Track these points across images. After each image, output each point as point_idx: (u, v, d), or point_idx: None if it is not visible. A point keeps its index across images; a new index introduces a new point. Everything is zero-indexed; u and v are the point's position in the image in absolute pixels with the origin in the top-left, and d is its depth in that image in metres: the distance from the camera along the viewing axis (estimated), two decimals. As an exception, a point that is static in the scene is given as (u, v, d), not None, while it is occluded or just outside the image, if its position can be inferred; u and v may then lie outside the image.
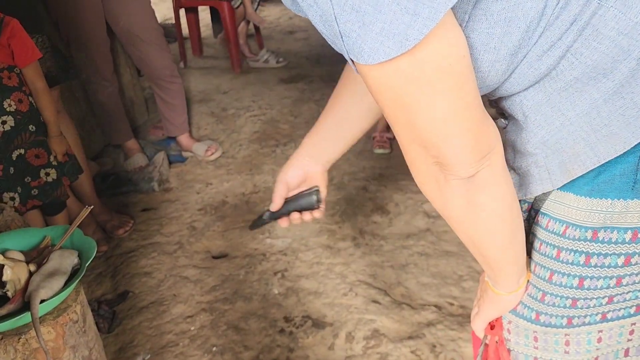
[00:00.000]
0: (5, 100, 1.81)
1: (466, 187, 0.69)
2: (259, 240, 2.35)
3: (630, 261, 0.74)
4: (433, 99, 0.61)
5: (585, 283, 0.78)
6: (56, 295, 1.18)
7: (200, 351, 1.80)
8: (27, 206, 1.93)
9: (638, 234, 0.73)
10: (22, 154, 1.88)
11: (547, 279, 0.81)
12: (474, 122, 0.64)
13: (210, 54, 4.69)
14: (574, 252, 0.76)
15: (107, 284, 2.16)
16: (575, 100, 0.69)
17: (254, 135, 3.27)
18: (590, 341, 0.83)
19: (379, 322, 1.87)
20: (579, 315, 0.81)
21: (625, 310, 0.80)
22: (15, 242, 1.37)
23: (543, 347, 0.86)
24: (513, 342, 0.89)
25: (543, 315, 0.83)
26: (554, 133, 0.72)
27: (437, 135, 0.64)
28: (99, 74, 2.73)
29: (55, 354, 1.21)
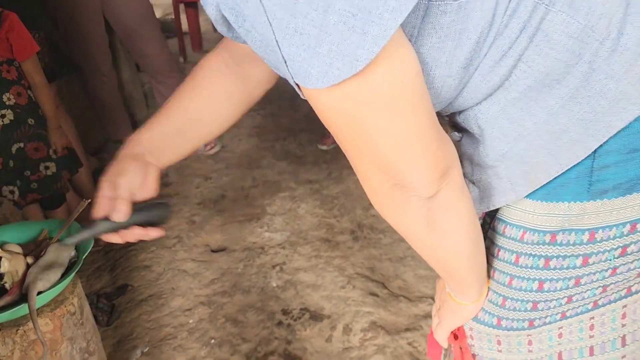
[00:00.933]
0: (5, 94, 1.82)
1: (427, 207, 0.67)
2: (258, 233, 2.36)
3: (588, 261, 0.74)
4: (389, 121, 0.58)
5: (545, 286, 0.77)
6: (53, 287, 1.19)
7: (198, 344, 1.81)
8: (26, 199, 1.94)
9: (595, 234, 0.72)
10: (22, 148, 1.89)
11: (507, 284, 0.80)
12: (432, 141, 0.62)
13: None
14: (532, 257, 0.76)
15: (106, 277, 2.17)
16: (531, 110, 0.68)
17: (254, 129, 3.28)
18: (551, 337, 0.84)
19: (376, 315, 1.88)
20: (540, 317, 0.81)
21: (584, 306, 0.81)
22: (13, 235, 1.37)
23: (507, 350, 0.86)
24: (477, 347, 0.89)
25: (504, 320, 0.83)
26: (513, 145, 0.70)
27: (395, 157, 0.62)
28: (97, 69, 2.74)
29: (53, 346, 1.22)
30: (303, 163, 2.89)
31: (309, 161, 2.90)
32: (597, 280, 0.76)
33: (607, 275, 0.76)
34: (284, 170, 2.83)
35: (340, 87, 0.54)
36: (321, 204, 2.53)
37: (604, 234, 0.72)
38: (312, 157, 2.93)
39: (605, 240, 0.72)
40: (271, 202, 2.57)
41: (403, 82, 0.56)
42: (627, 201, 0.69)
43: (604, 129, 0.65)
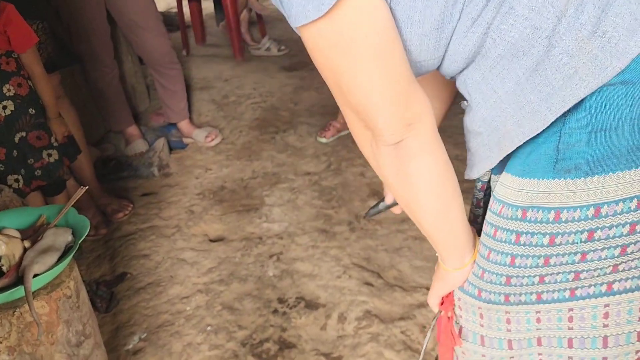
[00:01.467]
0: (5, 85, 1.85)
1: (394, 154, 0.75)
2: (256, 224, 2.38)
3: (554, 241, 0.76)
4: (354, 66, 0.67)
5: (517, 261, 0.80)
6: (49, 270, 1.22)
7: (195, 330, 1.84)
8: (31, 187, 1.97)
9: (560, 214, 0.74)
10: (24, 137, 1.92)
11: (485, 257, 0.84)
12: (397, 92, 0.70)
13: (212, 42, 4.71)
14: (507, 231, 0.79)
15: (105, 265, 2.20)
16: (503, 78, 0.72)
17: (254, 122, 3.29)
18: (529, 320, 0.86)
19: (371, 304, 1.90)
20: (514, 293, 0.84)
21: (560, 293, 0.82)
22: (12, 221, 1.41)
23: (488, 325, 0.89)
24: (464, 319, 0.93)
25: (484, 292, 0.86)
26: (490, 110, 0.75)
27: (361, 101, 0.71)
28: (99, 60, 2.76)
29: (49, 328, 1.25)
30: (302, 155, 2.91)
31: (309, 153, 2.92)
32: (567, 264, 0.78)
33: (577, 260, 0.78)
34: (283, 162, 2.85)
35: (313, 27, 0.65)
36: (319, 196, 2.55)
37: (569, 215, 0.74)
38: (312, 150, 2.95)
39: (571, 222, 0.74)
40: (270, 193, 2.60)
41: (367, 34, 0.66)
42: (589, 183, 0.71)
43: (559, 103, 0.68)
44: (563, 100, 0.68)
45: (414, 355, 1.69)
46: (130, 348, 1.80)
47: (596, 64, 0.66)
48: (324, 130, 3.02)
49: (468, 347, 0.95)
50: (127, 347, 1.80)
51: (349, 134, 3.04)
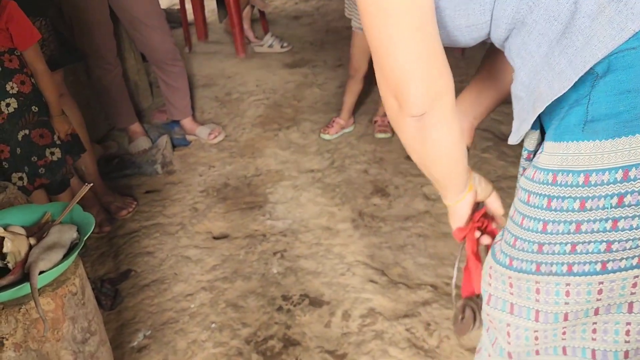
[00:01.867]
0: (8, 83, 1.85)
1: (417, 125, 0.85)
2: (260, 221, 2.38)
3: (585, 206, 0.78)
4: (395, 35, 0.77)
5: (548, 227, 0.82)
6: (55, 267, 1.22)
7: (199, 328, 1.84)
8: (34, 185, 1.97)
9: (589, 177, 0.76)
10: (27, 135, 1.92)
11: (519, 224, 0.86)
12: (429, 64, 0.80)
13: (215, 39, 4.70)
14: (539, 196, 0.82)
15: (110, 263, 2.20)
16: (539, 42, 0.78)
17: (257, 119, 3.29)
18: (558, 292, 0.86)
19: (375, 301, 1.90)
20: (545, 262, 0.85)
21: (591, 265, 0.83)
22: (17, 218, 1.41)
23: (517, 294, 0.91)
24: (493, 287, 0.95)
25: (515, 260, 0.88)
26: (528, 74, 0.81)
27: (396, 69, 0.80)
28: (102, 57, 2.76)
29: (55, 325, 1.25)
30: (306, 152, 2.90)
31: (312, 151, 2.92)
32: (598, 232, 0.80)
33: (609, 228, 0.79)
34: (286, 160, 2.85)
35: None
36: (323, 193, 2.55)
37: (598, 178, 0.76)
38: (315, 147, 2.94)
39: (600, 185, 0.77)
40: (273, 191, 2.60)
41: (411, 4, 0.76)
42: (616, 144, 0.74)
43: (581, 64, 0.73)
44: (584, 60, 0.73)
45: (418, 352, 1.69)
46: (135, 345, 1.80)
47: (613, 26, 0.70)
48: (328, 126, 3.02)
49: (495, 314, 0.96)
50: (132, 344, 1.80)
51: (352, 132, 3.04)
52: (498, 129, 2.90)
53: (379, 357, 1.68)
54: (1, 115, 1.85)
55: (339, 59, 3.94)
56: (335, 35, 4.51)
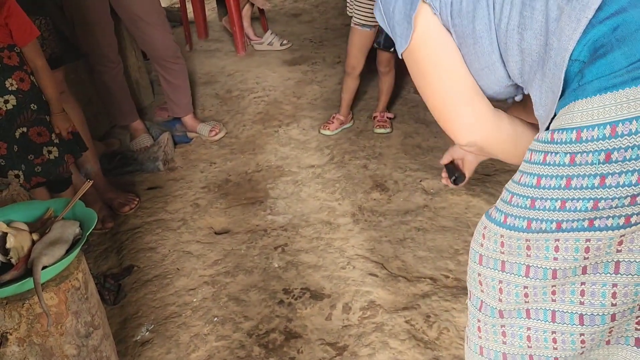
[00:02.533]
0: (7, 79, 1.86)
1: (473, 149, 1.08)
2: (261, 216, 2.40)
3: (575, 160, 0.85)
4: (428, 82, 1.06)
5: (542, 182, 0.88)
6: (58, 262, 1.24)
7: (202, 321, 1.86)
8: (31, 183, 1.98)
9: (580, 133, 0.84)
10: (25, 132, 1.93)
11: (517, 181, 0.94)
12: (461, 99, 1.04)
13: (215, 37, 4.71)
14: (537, 152, 0.90)
15: (113, 259, 2.22)
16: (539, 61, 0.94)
17: (258, 116, 3.31)
18: (548, 248, 0.90)
19: (375, 294, 1.92)
20: (536, 219, 0.90)
21: (579, 222, 0.87)
22: (20, 214, 1.43)
23: (509, 252, 0.95)
24: (485, 247, 0.99)
25: (510, 217, 0.93)
26: (541, 92, 0.95)
27: (435, 106, 1.07)
28: (103, 55, 2.78)
29: (58, 319, 1.27)
30: (306, 148, 2.92)
31: (312, 147, 2.93)
32: (586, 188, 0.84)
33: (597, 185, 0.83)
34: (286, 156, 2.87)
35: (405, 54, 1.07)
36: (323, 188, 2.56)
37: (588, 134, 0.83)
38: (315, 143, 2.96)
39: (590, 141, 0.83)
40: (274, 186, 2.61)
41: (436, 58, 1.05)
42: (603, 100, 0.82)
43: (561, 60, 0.88)
44: (562, 56, 0.87)
45: (418, 344, 1.71)
46: (138, 339, 1.82)
47: (572, 20, 0.85)
48: (328, 123, 3.03)
49: (487, 273, 0.99)
50: (135, 338, 1.82)
51: (351, 127, 3.06)
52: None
53: (379, 349, 1.70)
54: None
55: (338, 56, 3.96)
56: (334, 32, 4.52)
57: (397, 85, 3.36)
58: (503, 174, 2.48)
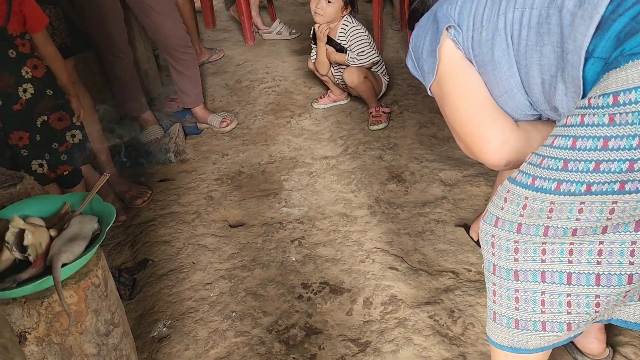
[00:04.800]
0: (23, 67, 1.83)
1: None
2: (276, 209, 2.36)
3: (614, 120, 0.86)
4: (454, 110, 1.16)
5: (578, 143, 0.90)
6: (77, 259, 1.20)
7: (220, 317, 1.82)
8: (57, 172, 1.96)
9: (617, 97, 0.86)
10: (46, 120, 1.91)
11: (550, 144, 0.95)
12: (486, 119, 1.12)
13: (223, 26, 4.66)
14: (574, 116, 0.93)
15: (127, 252, 2.18)
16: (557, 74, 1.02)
17: (269, 106, 3.26)
18: (571, 210, 0.92)
19: (396, 288, 1.88)
20: (567, 180, 0.91)
21: (609, 185, 0.88)
22: (36, 209, 1.38)
23: (529, 214, 0.97)
24: (505, 210, 1.01)
25: (538, 179, 0.95)
26: (567, 101, 1.01)
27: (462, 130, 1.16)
28: (113, 45, 2.73)
29: (78, 318, 1.23)
30: (319, 139, 2.87)
31: (325, 137, 2.88)
32: (624, 149, 0.86)
33: (635, 145, 0.85)
34: (300, 147, 2.82)
35: (432, 86, 1.20)
36: (338, 179, 2.52)
37: (625, 97, 0.85)
38: (328, 133, 2.91)
39: (628, 104, 0.85)
40: (288, 178, 2.57)
41: (459, 87, 1.15)
42: (637, 65, 0.84)
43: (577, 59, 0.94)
44: (578, 55, 0.93)
45: (443, 340, 1.66)
46: (155, 335, 1.78)
47: (585, 19, 0.92)
48: (320, 97, 3.19)
49: (501, 234, 1.02)
50: (152, 334, 1.79)
51: (365, 117, 3.00)
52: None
53: (403, 345, 1.65)
54: (20, 102, 1.84)
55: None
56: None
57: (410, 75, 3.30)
58: (522, 165, 2.43)
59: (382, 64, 3.11)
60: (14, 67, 1.82)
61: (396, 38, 3.96)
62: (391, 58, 3.62)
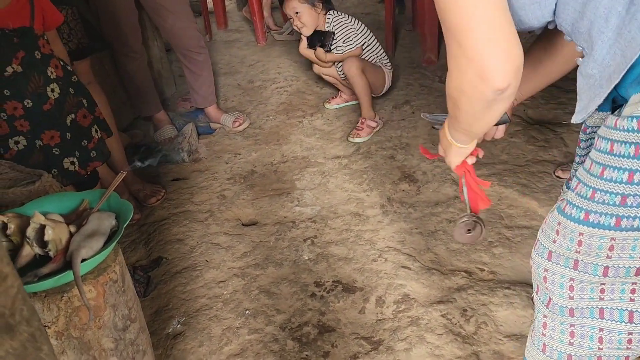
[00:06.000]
0: (48, 68, 1.87)
1: (495, 97, 0.86)
2: (288, 208, 2.37)
3: None
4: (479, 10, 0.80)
5: (635, 177, 0.81)
6: (96, 255, 1.22)
7: (233, 314, 1.84)
8: (87, 169, 2.00)
9: None
10: (74, 118, 1.97)
11: (598, 175, 0.85)
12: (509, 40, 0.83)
13: (235, 27, 4.68)
14: (624, 144, 0.82)
15: (141, 250, 2.20)
16: (607, 16, 0.80)
17: (281, 106, 3.27)
18: (634, 247, 0.85)
19: (408, 287, 1.89)
20: (628, 216, 0.83)
21: None
22: (55, 206, 1.40)
23: (586, 252, 0.89)
24: (558, 244, 0.93)
25: (593, 214, 0.86)
26: (599, 52, 0.83)
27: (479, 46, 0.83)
28: (127, 46, 2.75)
29: (96, 313, 1.25)
30: (331, 139, 2.88)
31: (337, 137, 2.89)
32: None
33: None
34: (312, 146, 2.83)
35: None
36: (350, 179, 2.53)
37: None
38: (340, 133, 2.92)
39: None
40: (300, 177, 2.58)
41: None
42: None
43: None
44: None
45: (456, 339, 1.67)
46: (170, 332, 1.80)
47: None
48: (332, 98, 3.20)
49: (555, 269, 0.94)
50: (167, 331, 1.80)
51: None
52: (526, 113, 2.85)
53: (416, 344, 1.66)
54: (49, 101, 1.88)
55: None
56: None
57: (422, 75, 3.31)
58: (535, 165, 2.43)
59: (378, 50, 3.06)
60: (41, 68, 1.86)
61: (408, 38, 3.96)
62: (403, 58, 3.63)
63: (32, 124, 1.86)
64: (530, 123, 2.76)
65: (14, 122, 1.84)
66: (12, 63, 1.80)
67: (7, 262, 0.56)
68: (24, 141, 1.87)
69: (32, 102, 1.84)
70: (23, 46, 1.81)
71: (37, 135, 1.88)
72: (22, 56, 1.81)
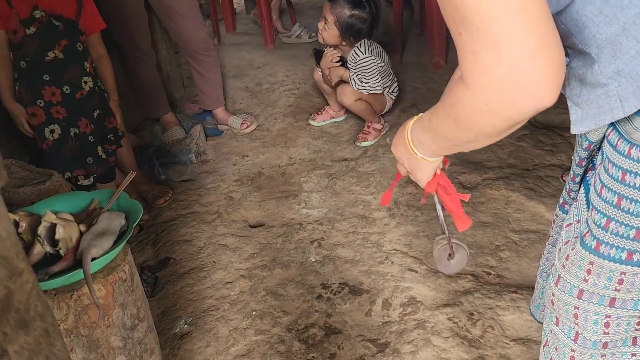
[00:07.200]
0: (84, 62, 1.99)
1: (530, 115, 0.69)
2: (295, 210, 2.38)
3: None
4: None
5: None
6: (106, 254, 1.23)
7: (240, 315, 1.85)
8: (110, 160, 2.13)
9: None
10: (99, 114, 2.07)
11: (614, 204, 0.81)
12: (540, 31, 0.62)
13: (243, 30, 4.70)
14: (636, 175, 0.78)
15: (148, 251, 2.22)
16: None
17: (288, 109, 3.28)
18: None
19: (415, 290, 1.89)
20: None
21: None
22: (65, 205, 1.42)
23: (627, 290, 0.85)
24: (624, 290, 0.88)
25: (604, 245, 0.83)
26: (630, 61, 0.73)
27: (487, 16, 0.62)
28: (137, 47, 2.77)
29: (105, 311, 1.26)
30: (338, 142, 2.89)
31: (344, 140, 2.90)
32: None
33: None
34: (319, 149, 2.84)
35: None
36: (357, 182, 2.53)
37: None
38: (347, 136, 2.93)
39: None
40: (308, 180, 2.59)
41: None
42: None
43: None
44: None
45: (462, 342, 1.67)
46: (177, 332, 1.81)
47: None
48: (316, 113, 3.09)
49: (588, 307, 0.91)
50: (174, 331, 1.81)
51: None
52: (533, 117, 2.84)
53: (422, 347, 1.66)
54: (81, 92, 1.99)
55: (368, 48, 3.91)
56: (363, 24, 4.47)
57: (430, 79, 3.31)
58: (543, 169, 2.43)
59: (393, 87, 2.93)
60: (80, 59, 1.99)
61: (416, 42, 3.96)
62: (411, 62, 3.63)
63: (68, 111, 1.97)
64: (538, 127, 2.76)
65: (50, 109, 1.95)
66: (55, 49, 1.92)
67: (22, 257, 0.57)
68: (59, 130, 1.97)
69: (70, 89, 1.95)
70: (67, 35, 1.94)
71: (73, 122, 1.98)
72: (64, 44, 1.94)
